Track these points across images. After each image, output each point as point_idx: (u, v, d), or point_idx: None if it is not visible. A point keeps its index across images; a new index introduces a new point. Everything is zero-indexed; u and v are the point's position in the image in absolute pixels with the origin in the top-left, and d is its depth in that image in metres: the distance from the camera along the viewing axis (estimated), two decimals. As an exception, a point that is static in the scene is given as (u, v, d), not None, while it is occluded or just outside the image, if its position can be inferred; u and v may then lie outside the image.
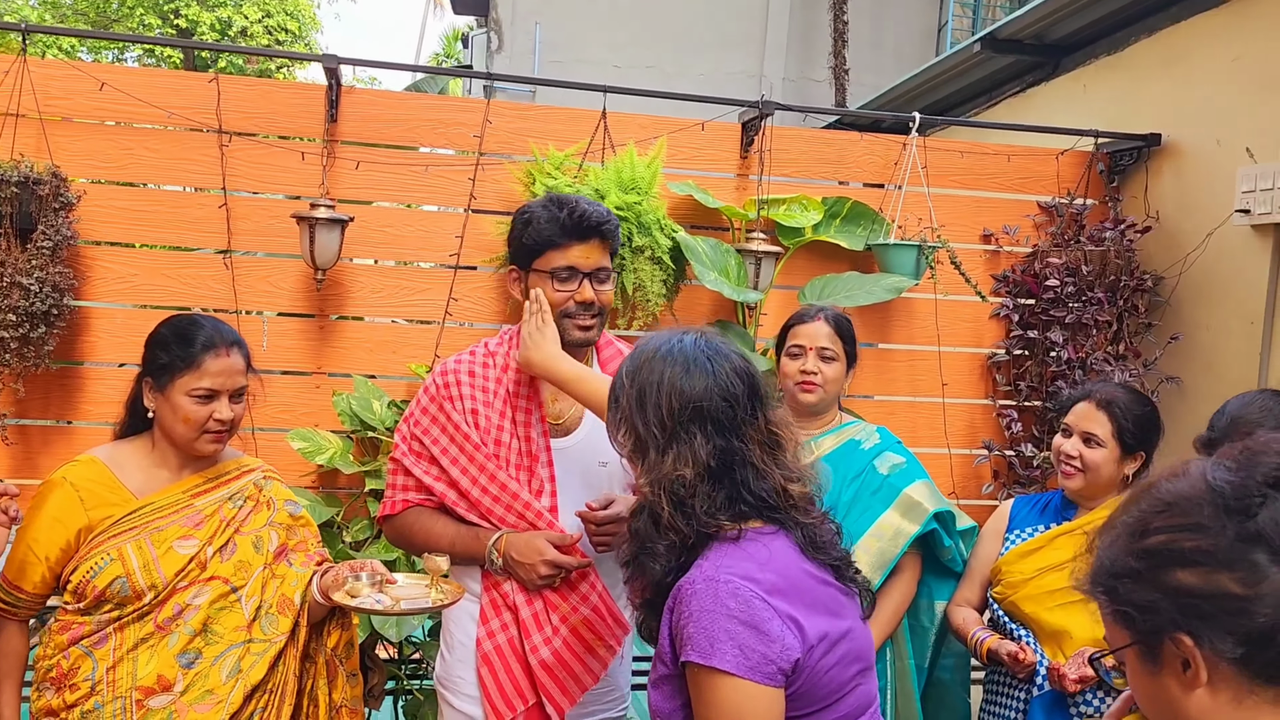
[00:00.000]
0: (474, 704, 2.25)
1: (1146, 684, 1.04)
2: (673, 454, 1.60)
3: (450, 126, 3.48)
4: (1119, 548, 1.05)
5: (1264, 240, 3.50)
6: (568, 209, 2.18)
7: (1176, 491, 1.03)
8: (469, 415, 2.23)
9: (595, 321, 2.23)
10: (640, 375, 1.68)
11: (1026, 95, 4.85)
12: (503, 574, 2.19)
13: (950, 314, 3.86)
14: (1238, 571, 0.96)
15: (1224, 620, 0.96)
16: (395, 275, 3.51)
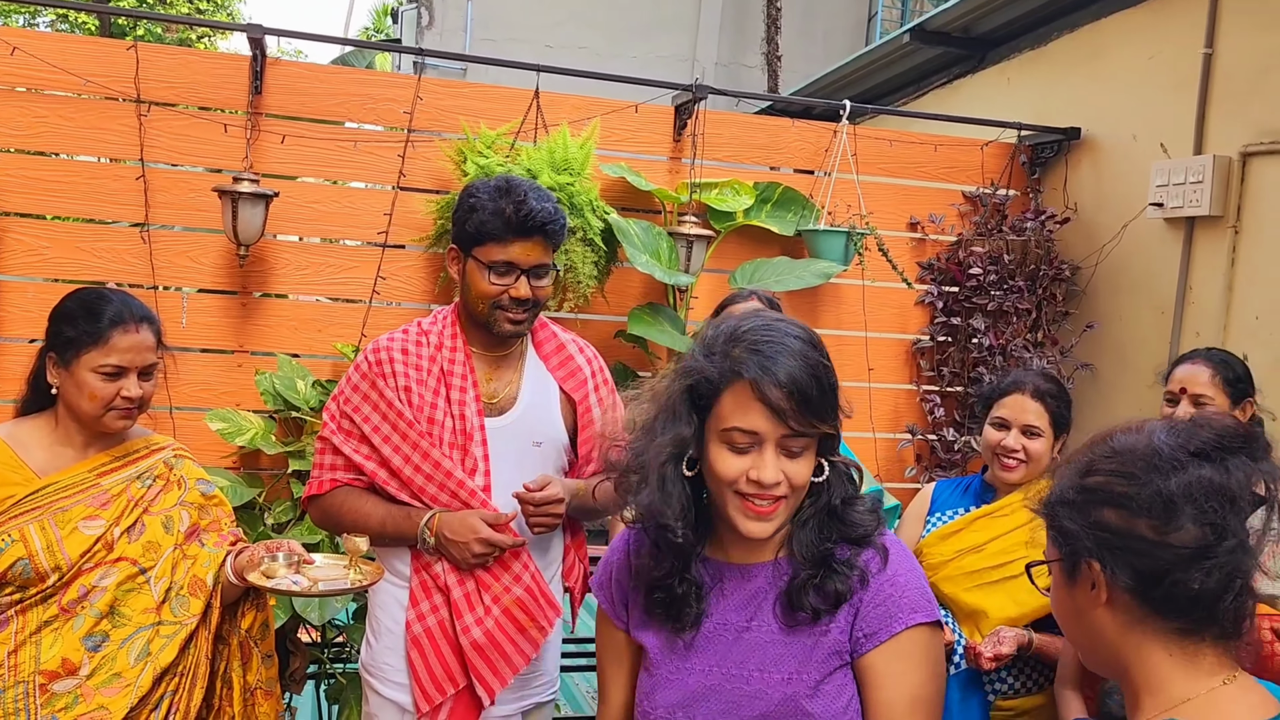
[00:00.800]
0: (401, 691, 2.22)
1: (1063, 596, 1.23)
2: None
3: (380, 102, 3.42)
4: (1067, 480, 1.22)
5: (1175, 233, 3.62)
6: (514, 203, 2.13)
7: (1126, 444, 1.19)
8: (402, 392, 2.20)
9: (527, 315, 2.21)
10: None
11: (953, 86, 4.94)
12: (434, 554, 2.16)
13: (877, 300, 3.93)
14: (1151, 520, 1.12)
15: (1129, 556, 1.13)
16: (321, 252, 3.44)
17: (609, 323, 3.63)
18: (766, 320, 1.43)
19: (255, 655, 2.18)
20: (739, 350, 1.38)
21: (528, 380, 2.31)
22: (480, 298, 2.19)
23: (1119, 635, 1.15)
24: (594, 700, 4.72)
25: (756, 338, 1.38)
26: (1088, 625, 1.18)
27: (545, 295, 2.22)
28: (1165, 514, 1.11)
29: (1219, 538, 1.10)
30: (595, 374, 2.37)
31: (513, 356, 2.31)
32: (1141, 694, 1.14)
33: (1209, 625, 1.11)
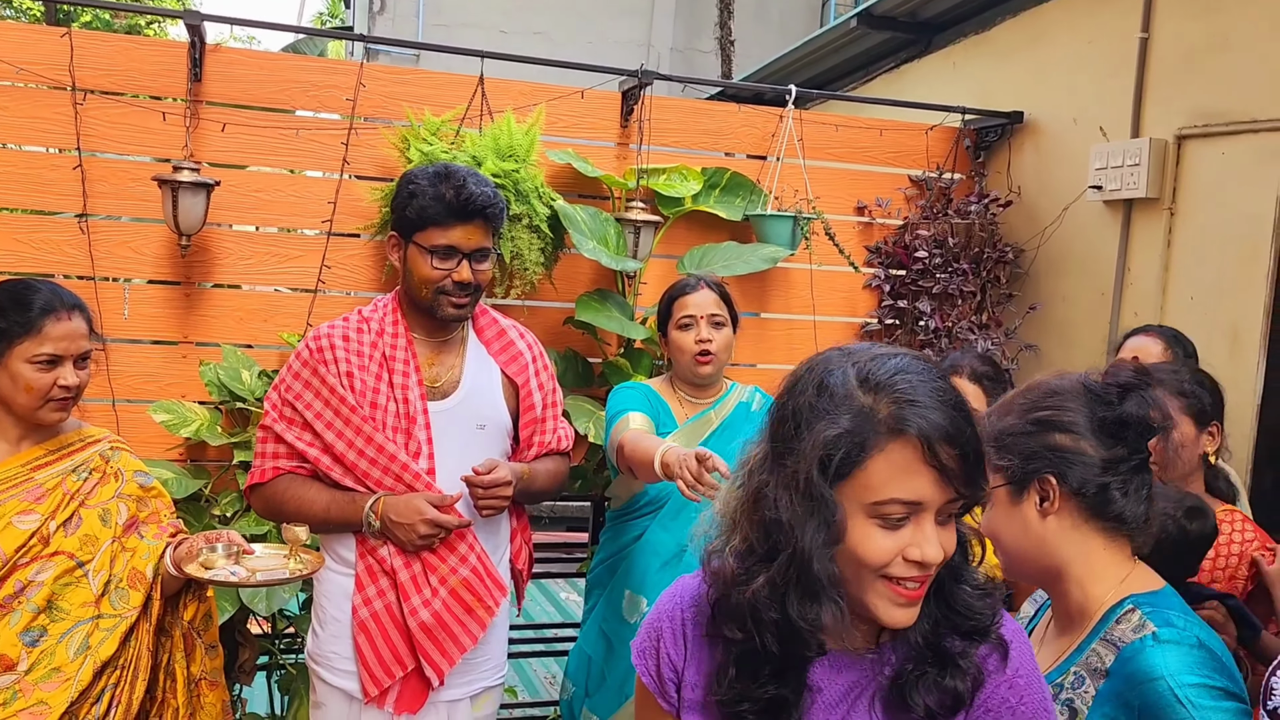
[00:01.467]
0: (349, 678, 2.24)
1: (1008, 514, 1.47)
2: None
3: (322, 89, 3.39)
4: (1014, 417, 1.48)
5: (1114, 215, 3.69)
6: (454, 188, 2.15)
7: (1059, 385, 1.48)
8: (344, 378, 2.21)
9: (470, 299, 2.23)
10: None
11: (901, 71, 4.98)
12: (379, 538, 2.18)
13: (825, 284, 3.96)
14: (1093, 440, 1.42)
15: (1079, 470, 1.42)
16: (266, 242, 3.41)
17: (557, 309, 3.64)
18: (894, 357, 1.15)
19: (199, 646, 2.18)
20: (885, 402, 1.10)
21: (470, 364, 2.33)
22: (423, 283, 2.21)
23: (1063, 537, 1.44)
24: (553, 686, 4.75)
25: (902, 383, 1.11)
26: (1034, 534, 1.45)
27: (486, 279, 2.25)
28: (1104, 436, 1.42)
29: (1139, 453, 1.44)
30: (536, 359, 2.41)
31: (454, 341, 2.33)
32: (1086, 583, 1.44)
33: (1128, 521, 1.44)
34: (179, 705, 2.14)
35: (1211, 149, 3.36)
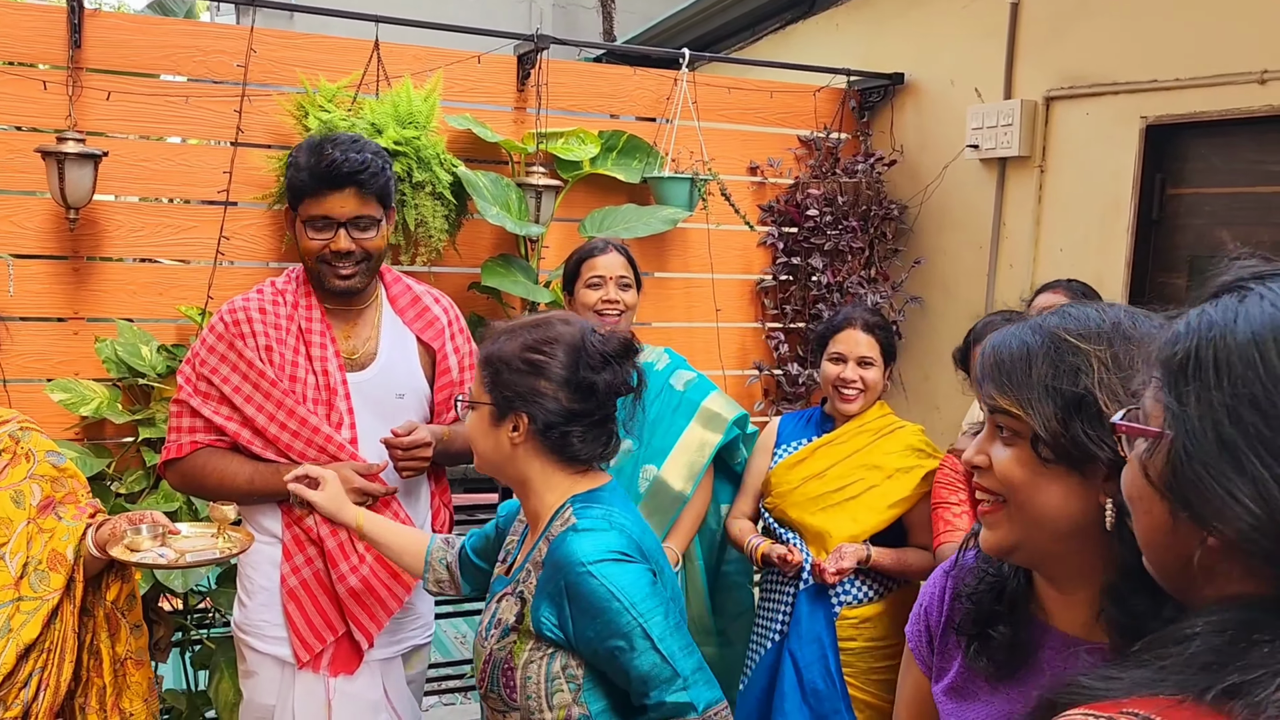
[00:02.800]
0: (280, 644, 2.27)
1: (486, 429, 1.73)
2: None
3: (210, 54, 3.30)
4: (513, 349, 1.70)
5: (990, 173, 3.90)
6: (321, 157, 2.15)
7: (560, 334, 1.70)
8: (263, 352, 2.21)
9: (358, 269, 2.23)
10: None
11: (786, 33, 5.10)
12: (306, 508, 2.20)
13: (722, 243, 4.08)
14: (567, 393, 1.67)
15: (546, 416, 1.67)
16: (157, 213, 3.33)
17: (462, 274, 3.66)
18: None
19: (123, 626, 2.17)
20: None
21: (385, 334, 2.36)
22: (306, 255, 2.24)
23: (528, 461, 1.71)
24: (463, 645, 4.82)
25: None
26: (505, 452, 1.72)
27: (375, 247, 2.24)
28: (577, 392, 1.68)
29: (604, 410, 1.71)
30: (452, 323, 2.45)
31: (368, 311, 2.35)
32: (543, 493, 1.73)
33: (583, 459, 1.73)
34: (105, 685, 2.14)
35: (1077, 109, 3.59)
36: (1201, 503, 0.75)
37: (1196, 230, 3.32)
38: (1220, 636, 0.72)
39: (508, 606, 1.72)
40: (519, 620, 1.67)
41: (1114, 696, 0.73)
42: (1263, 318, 0.76)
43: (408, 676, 2.42)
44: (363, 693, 2.31)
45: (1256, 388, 0.73)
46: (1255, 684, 0.68)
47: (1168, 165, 3.36)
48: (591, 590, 1.58)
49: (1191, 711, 0.70)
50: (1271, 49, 2.97)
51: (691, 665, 1.59)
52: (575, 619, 1.60)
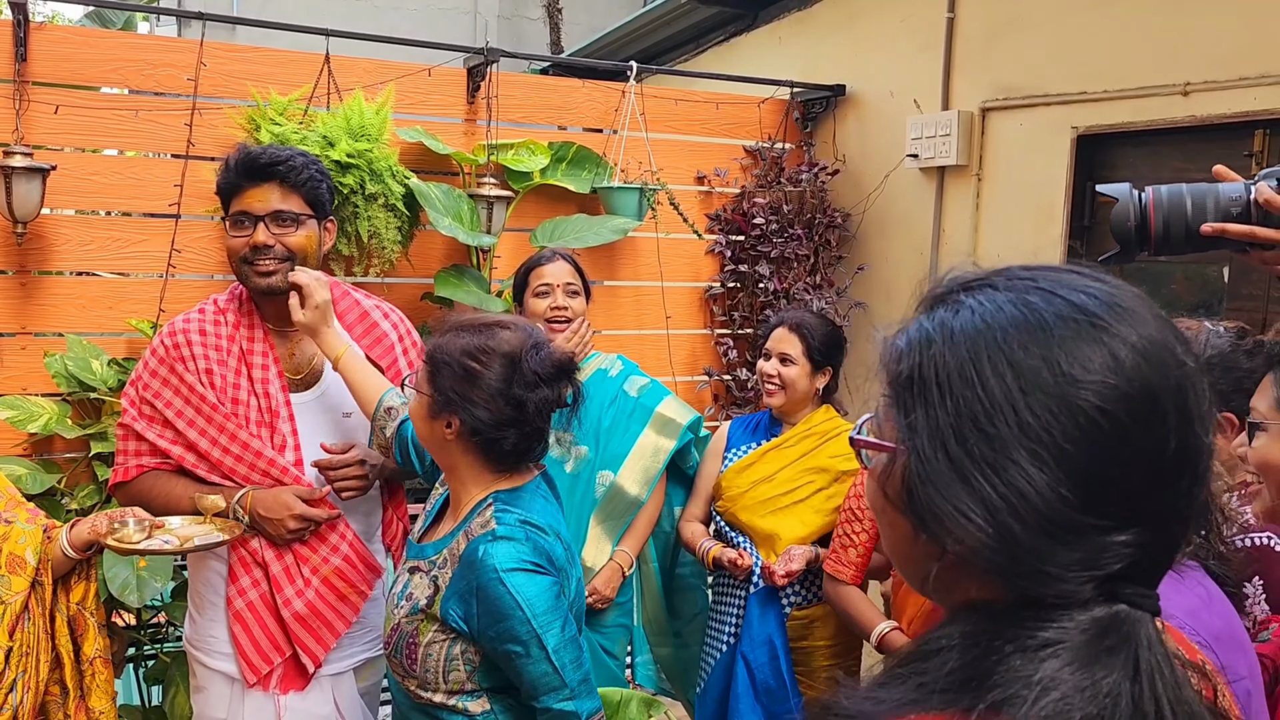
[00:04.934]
0: (229, 661, 2.24)
1: (424, 419, 1.82)
2: None
3: (160, 68, 3.30)
4: (454, 351, 1.78)
5: (930, 181, 4.03)
6: (245, 153, 2.15)
7: (498, 345, 1.78)
8: (203, 375, 2.18)
9: (281, 267, 2.15)
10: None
11: (730, 45, 5.20)
12: (250, 532, 2.17)
13: (671, 251, 4.15)
14: (499, 403, 1.76)
15: (476, 422, 1.76)
16: (107, 226, 3.31)
17: (414, 285, 3.69)
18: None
19: (91, 625, 2.17)
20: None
21: None
22: (231, 257, 2.19)
23: (457, 453, 1.82)
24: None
25: None
26: (438, 440, 1.82)
27: (298, 246, 2.18)
28: (508, 405, 1.76)
29: (536, 424, 1.80)
30: (403, 337, 2.41)
31: None
32: (467, 482, 1.84)
33: (509, 461, 1.82)
34: (70, 685, 2.14)
35: (1011, 120, 3.72)
36: (936, 523, 0.75)
37: (1125, 235, 3.46)
38: (974, 648, 0.73)
39: (420, 585, 1.83)
40: (429, 605, 1.79)
41: (883, 716, 0.73)
42: (975, 333, 0.76)
43: (361, 689, 2.37)
44: (313, 708, 2.27)
45: (977, 407, 0.73)
46: (1016, 699, 0.69)
47: (1098, 173, 3.51)
48: (499, 596, 1.70)
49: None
50: (1194, 62, 3.12)
51: (578, 677, 1.75)
52: (480, 618, 1.73)
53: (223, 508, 2.10)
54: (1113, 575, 0.71)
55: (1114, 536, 0.71)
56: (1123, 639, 0.71)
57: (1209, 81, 3.09)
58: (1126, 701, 0.70)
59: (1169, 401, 0.73)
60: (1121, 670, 0.70)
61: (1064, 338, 0.74)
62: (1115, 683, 0.70)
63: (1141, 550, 0.72)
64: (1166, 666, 0.72)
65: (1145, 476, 0.72)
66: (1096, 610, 0.72)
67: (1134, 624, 0.72)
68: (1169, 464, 0.72)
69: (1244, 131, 3.07)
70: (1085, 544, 0.71)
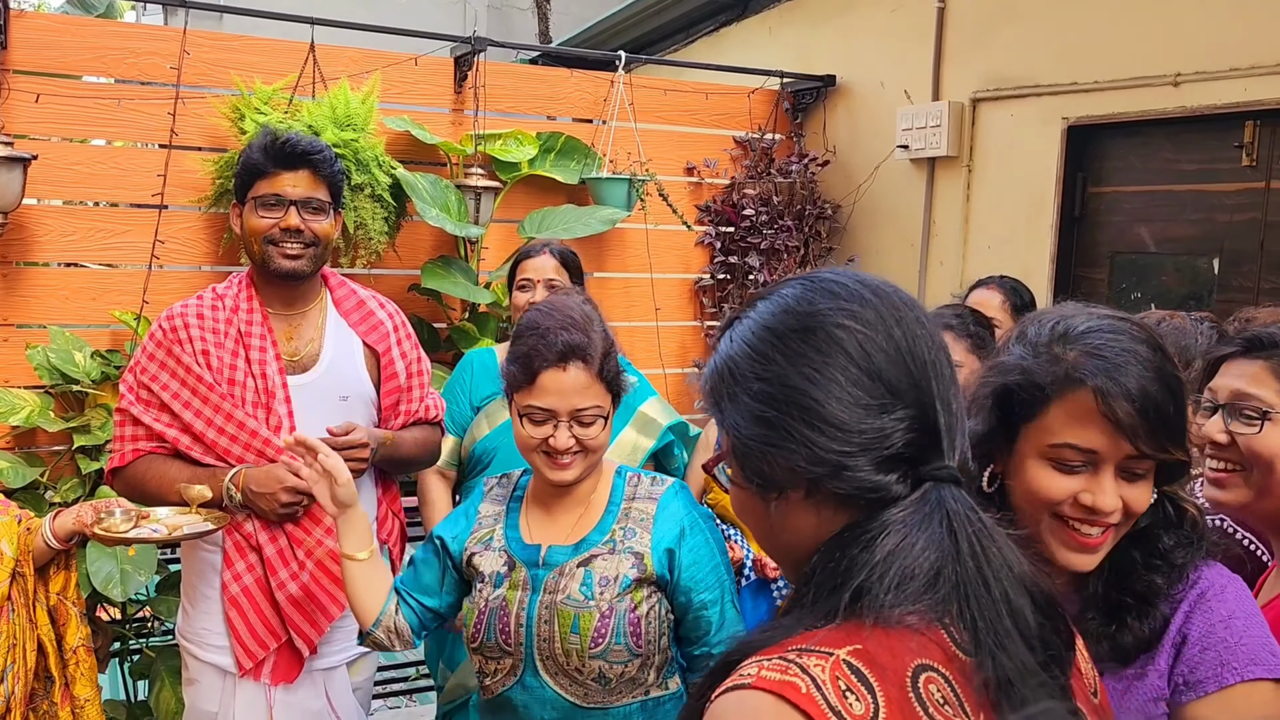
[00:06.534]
0: (222, 653, 2.24)
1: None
2: None
3: (142, 56, 3.26)
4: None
5: (920, 173, 4.01)
6: (276, 137, 2.20)
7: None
8: (200, 356, 2.20)
9: (307, 252, 2.20)
10: None
11: (720, 34, 5.17)
12: (241, 510, 2.18)
13: (660, 243, 4.13)
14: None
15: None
16: (89, 217, 3.27)
17: (401, 276, 3.66)
18: (1092, 317, 1.23)
19: (73, 615, 2.16)
20: (1075, 353, 1.19)
21: (329, 337, 2.34)
22: (253, 236, 2.20)
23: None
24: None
25: (1091, 338, 1.19)
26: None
27: (324, 234, 2.23)
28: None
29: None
30: (398, 328, 2.44)
31: (311, 313, 2.33)
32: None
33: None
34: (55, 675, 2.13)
35: (1002, 111, 3.71)
36: (776, 476, 0.91)
37: (1116, 227, 3.45)
38: (830, 565, 0.88)
39: (613, 563, 1.79)
40: (641, 569, 1.77)
41: (776, 641, 0.85)
42: (748, 331, 0.95)
43: (354, 684, 2.39)
44: (304, 702, 2.28)
45: (759, 373, 0.92)
46: (870, 580, 0.84)
47: (1088, 164, 3.50)
48: (706, 542, 1.79)
49: (840, 631, 0.83)
50: (1185, 53, 3.11)
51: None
52: (688, 567, 1.77)
53: (209, 498, 2.10)
54: (904, 457, 0.88)
55: (889, 417, 0.88)
56: (935, 505, 0.87)
57: (1200, 72, 3.08)
58: (950, 546, 0.85)
59: (890, 317, 0.92)
60: (941, 525, 0.86)
61: (799, 297, 0.95)
62: (941, 535, 0.85)
63: (915, 426, 0.89)
64: (973, 515, 0.87)
65: (894, 369, 0.90)
66: (910, 496, 0.88)
67: (939, 491, 0.88)
68: (908, 357, 0.91)
69: (1234, 122, 3.06)
70: (874, 426, 0.88)
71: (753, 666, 0.82)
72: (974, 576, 0.84)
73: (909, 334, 0.92)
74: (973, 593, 0.84)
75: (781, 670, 0.81)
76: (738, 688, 0.82)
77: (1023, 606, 0.85)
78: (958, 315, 2.54)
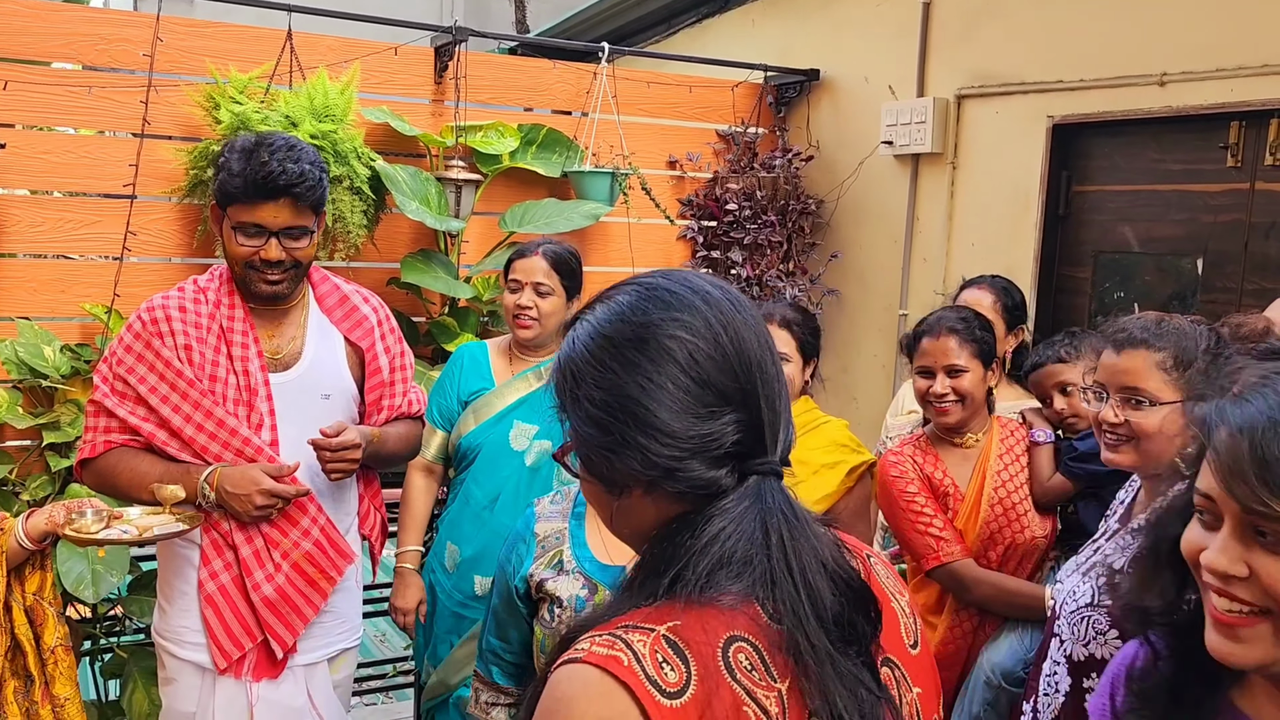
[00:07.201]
0: (199, 651, 2.21)
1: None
2: None
3: (114, 43, 3.18)
4: None
5: (904, 168, 3.99)
6: (257, 166, 2.06)
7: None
8: (182, 351, 2.15)
9: (286, 276, 2.17)
10: None
11: (702, 26, 5.13)
12: (216, 509, 2.15)
13: (642, 237, 4.09)
14: None
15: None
16: (58, 207, 3.19)
17: (380, 270, 3.60)
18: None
19: (50, 615, 2.13)
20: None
21: (312, 334, 2.31)
22: (234, 259, 2.18)
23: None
24: (382, 645, 4.76)
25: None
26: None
27: (306, 256, 2.20)
28: None
29: None
30: (381, 322, 2.40)
31: (294, 311, 2.30)
32: None
33: None
34: (34, 675, 2.09)
35: (986, 108, 3.69)
36: (616, 477, 0.99)
37: (1100, 226, 3.45)
38: (660, 551, 0.96)
39: None
40: None
41: (608, 619, 0.93)
42: (586, 335, 1.01)
43: (335, 681, 2.37)
44: (285, 699, 2.26)
45: (597, 379, 0.98)
46: (689, 564, 0.93)
47: (1073, 163, 3.49)
48: None
49: (663, 609, 0.92)
50: (1170, 52, 3.11)
51: None
52: None
53: (181, 498, 2.06)
54: (732, 454, 0.96)
55: (718, 421, 0.96)
56: (755, 497, 0.96)
57: (1185, 72, 3.07)
58: (761, 537, 0.94)
59: (718, 323, 0.98)
60: (756, 519, 0.95)
61: (633, 305, 1.00)
62: (754, 528, 0.94)
63: (743, 427, 0.97)
64: (786, 508, 0.97)
65: (723, 375, 0.97)
66: (736, 489, 0.96)
67: (760, 485, 0.97)
68: (735, 363, 0.97)
69: (1220, 123, 3.06)
70: (703, 432, 0.95)
71: (586, 642, 0.91)
72: (780, 563, 0.94)
73: (736, 339, 0.98)
74: (778, 578, 0.93)
75: (609, 645, 0.89)
76: (571, 661, 0.90)
77: (822, 588, 0.95)
78: (963, 319, 2.51)
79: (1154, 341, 1.76)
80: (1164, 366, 1.75)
